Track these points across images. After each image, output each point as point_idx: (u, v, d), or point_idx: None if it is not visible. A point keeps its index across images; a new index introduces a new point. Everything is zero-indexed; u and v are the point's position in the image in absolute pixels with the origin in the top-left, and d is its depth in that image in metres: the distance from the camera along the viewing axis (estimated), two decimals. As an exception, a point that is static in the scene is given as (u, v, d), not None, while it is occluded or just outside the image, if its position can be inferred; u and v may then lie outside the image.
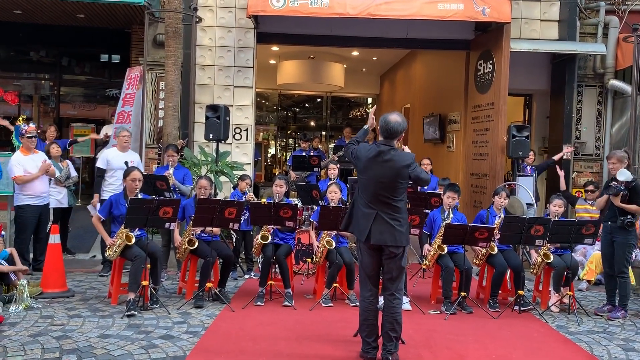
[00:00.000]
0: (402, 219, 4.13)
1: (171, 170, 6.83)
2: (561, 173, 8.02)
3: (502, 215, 6.10)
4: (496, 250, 5.90)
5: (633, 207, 5.61)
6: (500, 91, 8.00)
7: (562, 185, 8.00)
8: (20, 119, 6.85)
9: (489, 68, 8.38)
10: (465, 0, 7.69)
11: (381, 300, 4.23)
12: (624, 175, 5.58)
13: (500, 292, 6.01)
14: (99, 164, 6.78)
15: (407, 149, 4.79)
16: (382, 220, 4.06)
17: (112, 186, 6.74)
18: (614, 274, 5.76)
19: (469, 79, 9.17)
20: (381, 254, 4.13)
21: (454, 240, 5.65)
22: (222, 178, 7.52)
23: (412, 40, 8.98)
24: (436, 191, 7.30)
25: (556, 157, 8.28)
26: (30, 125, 6.72)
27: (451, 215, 6.04)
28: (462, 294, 5.70)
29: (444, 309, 5.64)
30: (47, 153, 7.12)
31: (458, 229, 5.56)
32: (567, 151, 8.37)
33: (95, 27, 10.03)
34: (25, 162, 6.55)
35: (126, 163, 6.35)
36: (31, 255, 6.86)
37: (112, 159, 6.76)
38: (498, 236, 5.77)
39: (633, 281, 6.69)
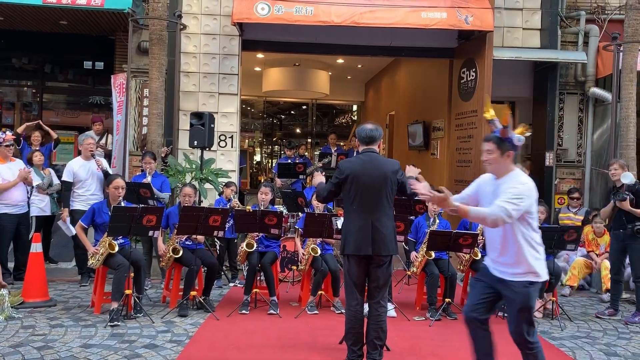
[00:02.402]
0: (392, 226, 4.15)
1: (149, 178, 6.75)
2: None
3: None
4: (480, 256, 5.94)
5: (639, 211, 5.69)
6: (484, 99, 8.07)
7: None
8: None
9: (472, 76, 8.47)
10: (449, 9, 7.78)
11: (366, 307, 4.23)
12: (628, 178, 5.70)
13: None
14: (65, 177, 6.64)
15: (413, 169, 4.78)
16: (375, 229, 4.06)
17: (82, 197, 6.63)
18: (621, 280, 6.04)
19: (452, 86, 9.25)
20: (368, 262, 4.12)
21: (439, 247, 5.68)
22: (207, 185, 7.49)
23: (396, 48, 9.04)
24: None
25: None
26: (8, 133, 6.63)
27: (437, 221, 6.07)
28: (447, 300, 5.73)
29: (429, 316, 5.66)
30: (30, 161, 7.03)
31: (442, 235, 5.59)
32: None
33: (79, 34, 9.95)
34: (2, 170, 6.46)
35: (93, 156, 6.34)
36: (12, 265, 6.76)
37: (77, 169, 6.64)
38: (482, 242, 5.81)
39: None
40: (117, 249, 5.34)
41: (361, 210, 4.09)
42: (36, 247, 5.85)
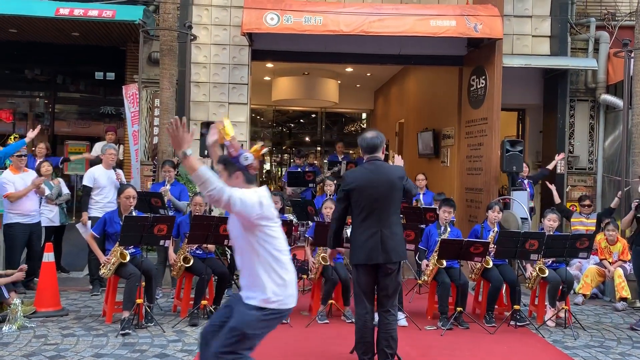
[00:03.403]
0: (400, 233, 4.15)
1: (168, 187, 6.83)
2: (552, 187, 8.04)
3: (496, 230, 6.11)
4: (491, 264, 5.90)
5: None
6: (494, 106, 8.05)
7: (556, 199, 8.01)
8: (12, 137, 6.83)
9: (482, 83, 8.45)
10: (458, 17, 7.79)
11: (376, 316, 4.22)
12: None
13: (496, 307, 6.00)
14: (85, 181, 6.77)
15: (398, 159, 4.74)
16: (384, 238, 4.04)
17: (99, 204, 6.73)
18: None
19: (462, 94, 9.24)
20: (377, 270, 4.10)
21: (450, 255, 5.65)
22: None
23: (405, 57, 9.05)
24: (431, 206, 7.32)
25: (550, 166, 8.32)
26: None
27: (448, 229, 6.04)
28: (458, 309, 5.69)
29: (440, 325, 5.62)
30: (38, 171, 7.08)
31: (453, 244, 5.56)
32: (559, 158, 8.41)
33: (90, 45, 10.06)
34: (15, 180, 6.51)
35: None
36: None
37: (98, 176, 6.76)
38: (493, 251, 5.77)
39: None
40: (128, 258, 5.37)
41: (370, 220, 4.08)
42: (48, 257, 5.89)
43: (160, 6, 7.82)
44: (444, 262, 5.83)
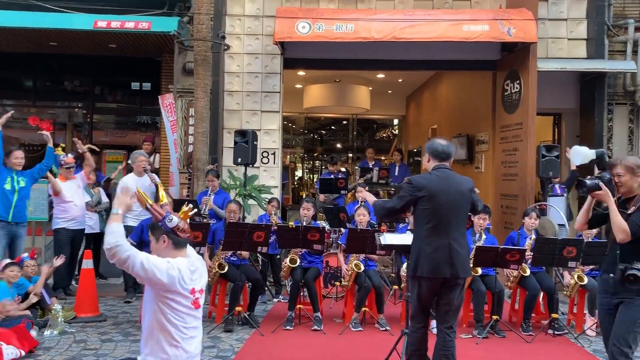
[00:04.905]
0: (467, 247, 3.99)
1: (212, 196, 6.92)
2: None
3: (533, 237, 6.00)
4: (528, 272, 5.79)
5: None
6: (529, 111, 7.93)
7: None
8: (59, 148, 7.05)
9: (516, 88, 8.34)
10: (491, 22, 7.70)
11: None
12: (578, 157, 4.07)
13: (533, 315, 5.89)
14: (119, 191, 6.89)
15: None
16: (454, 251, 3.83)
17: (134, 212, 6.81)
18: None
19: (496, 99, 9.13)
20: (442, 284, 3.88)
21: (485, 263, 5.58)
22: (250, 201, 7.59)
23: (437, 62, 9.00)
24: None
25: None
26: (69, 156, 6.95)
27: (483, 236, 5.96)
28: (494, 317, 5.60)
29: (476, 333, 5.54)
30: (105, 186, 7.33)
31: (489, 251, 5.49)
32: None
33: (127, 57, 10.30)
34: (64, 187, 6.82)
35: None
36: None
37: (131, 185, 6.84)
38: (530, 258, 5.67)
39: None
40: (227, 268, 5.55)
41: (438, 230, 3.84)
42: (87, 264, 6.05)
43: (194, 17, 7.95)
44: (479, 270, 5.76)
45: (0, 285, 5.11)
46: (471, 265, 5.62)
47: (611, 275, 3.55)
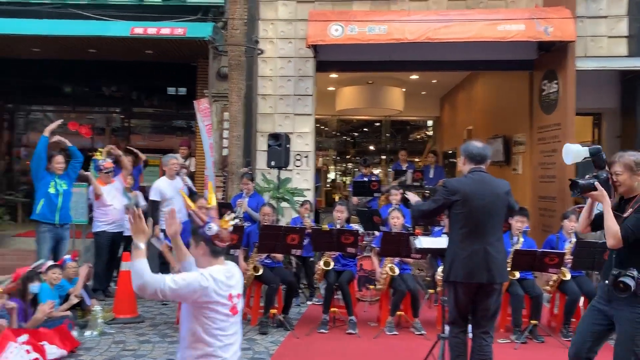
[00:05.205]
0: (504, 252, 3.93)
1: (246, 199, 6.99)
2: None
3: (573, 240, 5.85)
4: (569, 276, 5.65)
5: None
6: (567, 111, 7.74)
7: None
8: (98, 153, 7.22)
9: (554, 88, 8.15)
10: (527, 21, 7.56)
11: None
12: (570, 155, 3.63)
13: (573, 320, 5.73)
14: (152, 196, 6.95)
15: None
16: (489, 256, 3.78)
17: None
18: None
19: (533, 99, 8.95)
20: (478, 289, 3.83)
21: (523, 267, 5.48)
22: (283, 204, 7.62)
23: (472, 62, 8.88)
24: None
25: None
26: (107, 161, 7.10)
27: (521, 239, 5.84)
28: (533, 322, 5.49)
29: (514, 338, 5.44)
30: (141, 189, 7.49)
31: (527, 254, 5.38)
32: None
33: (162, 62, 10.49)
34: (103, 191, 6.99)
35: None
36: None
37: (163, 189, 6.95)
38: (570, 262, 5.53)
39: None
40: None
41: (473, 234, 3.80)
42: (126, 266, 6.16)
43: (229, 22, 8.04)
44: (517, 274, 5.65)
45: (43, 287, 5.25)
46: (508, 269, 5.55)
47: (606, 282, 3.32)
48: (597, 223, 3.52)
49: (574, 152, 3.52)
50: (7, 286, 4.95)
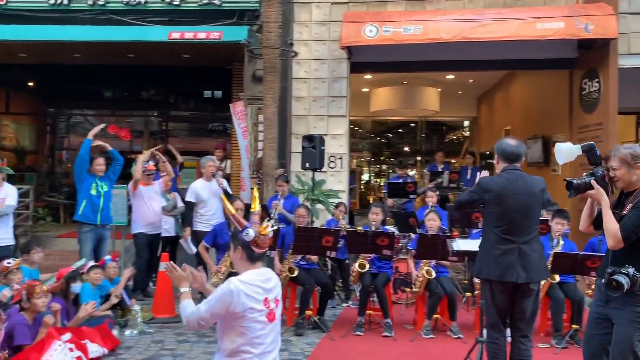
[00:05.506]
0: (540, 250, 3.85)
1: (281, 200, 7.03)
2: None
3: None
4: (611, 280, 5.48)
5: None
6: (609, 110, 7.52)
7: None
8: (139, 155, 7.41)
9: (595, 86, 7.94)
10: (566, 19, 7.38)
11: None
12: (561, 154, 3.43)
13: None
14: (188, 197, 7.09)
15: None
16: (524, 254, 3.71)
17: (204, 217, 7.02)
18: None
19: (573, 98, 8.73)
20: (514, 290, 3.75)
21: (563, 270, 5.34)
22: (318, 206, 7.63)
23: (510, 61, 8.71)
24: (542, 217, 6.95)
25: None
26: (150, 163, 7.26)
27: (561, 242, 5.70)
28: (574, 326, 5.35)
29: (554, 343, 5.31)
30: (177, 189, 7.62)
31: (567, 257, 5.25)
32: None
33: (199, 66, 10.65)
34: (145, 191, 7.15)
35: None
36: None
37: (200, 190, 7.04)
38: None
39: None
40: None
41: (507, 233, 3.73)
42: (164, 266, 6.25)
43: (264, 26, 8.10)
44: (557, 277, 5.51)
45: (85, 287, 5.39)
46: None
47: (602, 280, 3.16)
48: (599, 222, 3.33)
49: (565, 151, 3.35)
50: (51, 286, 5.09)
